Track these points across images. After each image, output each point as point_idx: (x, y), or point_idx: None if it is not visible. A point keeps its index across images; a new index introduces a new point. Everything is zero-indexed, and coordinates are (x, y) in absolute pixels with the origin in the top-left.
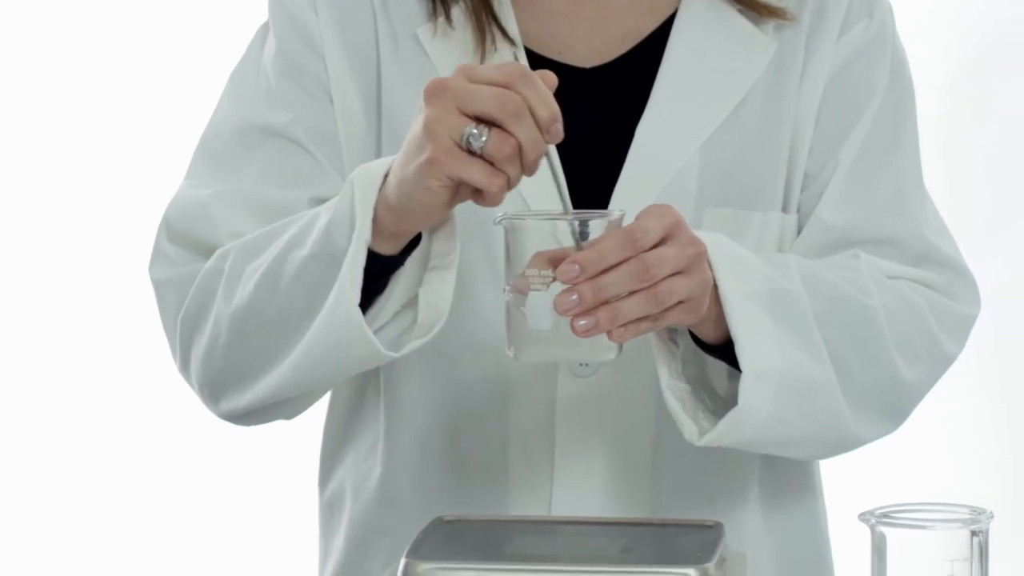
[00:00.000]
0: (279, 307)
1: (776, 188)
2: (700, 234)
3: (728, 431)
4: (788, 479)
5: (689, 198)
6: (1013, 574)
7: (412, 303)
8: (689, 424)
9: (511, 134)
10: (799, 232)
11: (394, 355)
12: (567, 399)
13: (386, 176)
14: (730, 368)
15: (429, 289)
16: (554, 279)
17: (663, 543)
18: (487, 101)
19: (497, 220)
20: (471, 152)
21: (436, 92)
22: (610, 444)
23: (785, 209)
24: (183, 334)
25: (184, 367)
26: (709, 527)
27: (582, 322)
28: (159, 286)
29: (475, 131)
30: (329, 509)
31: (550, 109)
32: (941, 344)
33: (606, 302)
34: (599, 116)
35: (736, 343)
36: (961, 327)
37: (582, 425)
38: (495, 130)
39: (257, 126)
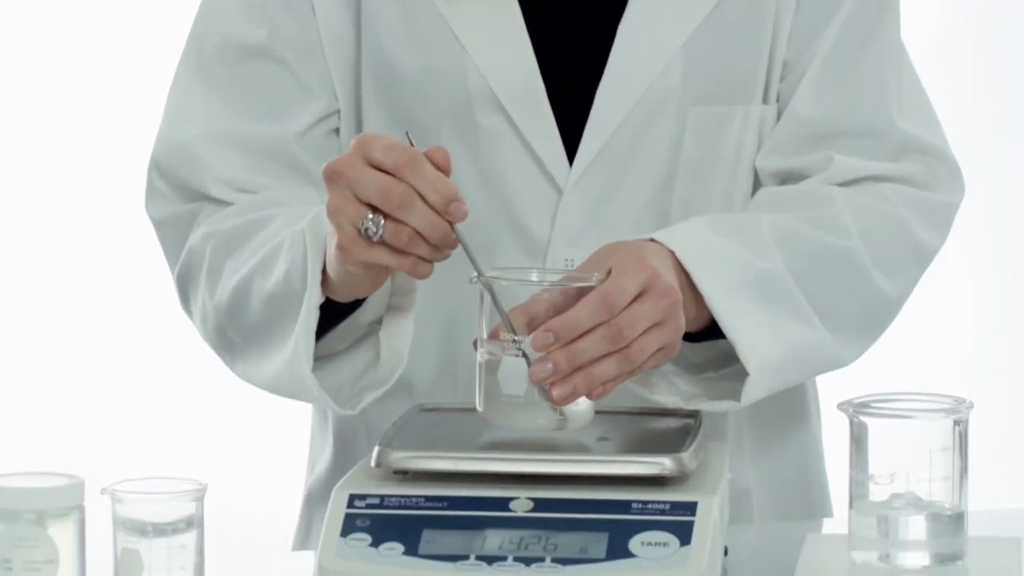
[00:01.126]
0: (252, 323)
1: (757, 80)
2: (668, 233)
3: (726, 407)
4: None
5: (673, 96)
6: (989, 464)
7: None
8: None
9: (403, 223)
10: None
11: (351, 412)
12: None
13: None
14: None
15: (388, 333)
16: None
17: (640, 432)
18: (374, 193)
19: (473, 280)
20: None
21: (331, 178)
22: None
23: (765, 100)
24: (180, 289)
25: (186, 313)
26: (689, 416)
27: (558, 391)
28: (158, 225)
29: (371, 222)
30: (320, 411)
31: (440, 193)
32: (924, 245)
33: (580, 367)
34: (579, 17)
35: (734, 343)
36: (944, 217)
37: None
38: (390, 219)
39: (239, 44)
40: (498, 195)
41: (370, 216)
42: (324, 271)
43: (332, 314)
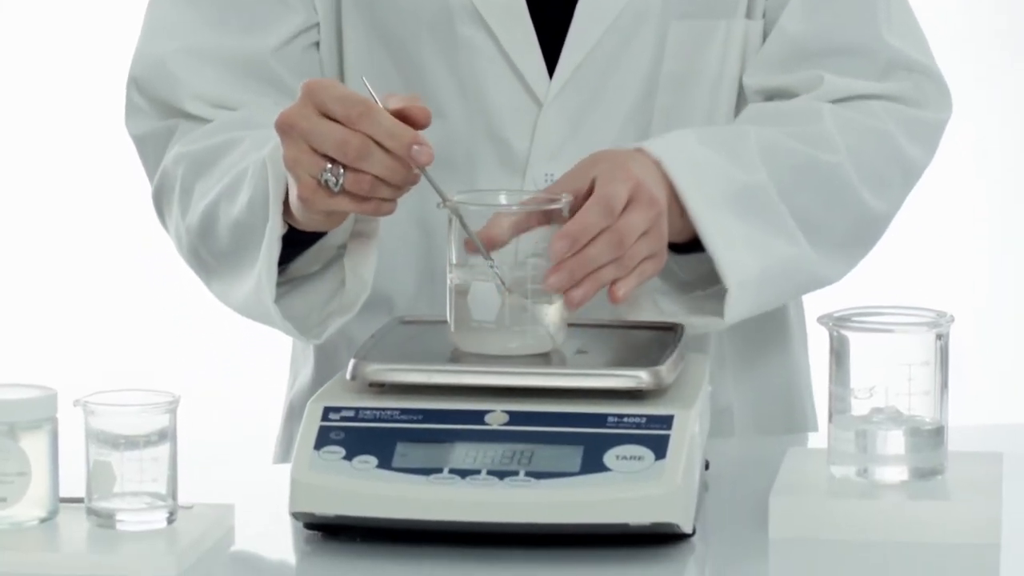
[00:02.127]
0: (221, 247)
1: None
2: (655, 142)
3: (712, 326)
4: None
5: (653, 10)
6: (974, 379)
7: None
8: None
9: (363, 172)
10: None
11: (316, 341)
12: None
13: None
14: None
15: (352, 259)
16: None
17: (618, 345)
18: (330, 145)
19: (441, 205)
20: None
21: (285, 130)
22: None
23: (749, 15)
24: (156, 207)
25: (164, 229)
26: (669, 329)
27: (574, 294)
28: (138, 141)
29: (330, 173)
30: None
31: (399, 140)
32: (913, 161)
33: (588, 274)
34: None
35: (714, 258)
36: (932, 135)
37: None
38: (349, 169)
39: None
40: (478, 109)
41: (328, 167)
42: (287, 200)
43: (299, 239)
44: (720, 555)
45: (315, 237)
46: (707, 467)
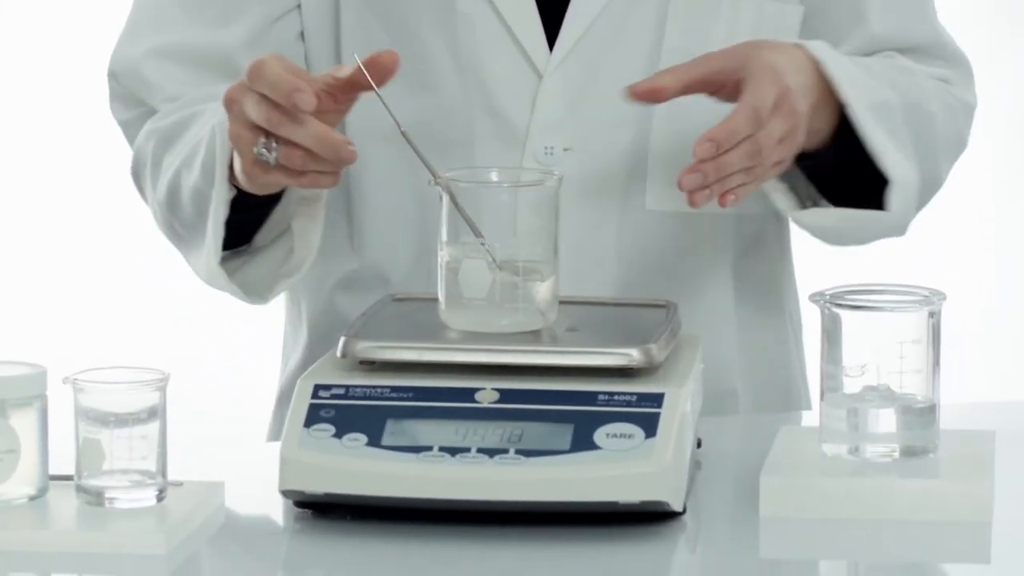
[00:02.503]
0: (186, 217)
1: None
2: (811, 42)
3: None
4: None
5: None
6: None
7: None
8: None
9: (294, 143)
10: (807, 25)
11: (261, 302)
12: None
13: None
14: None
15: (299, 223)
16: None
17: (610, 322)
18: (257, 116)
19: (432, 182)
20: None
21: (228, 106)
22: (576, 227)
23: None
24: (136, 185)
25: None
26: (662, 307)
27: (698, 197)
28: (123, 125)
29: (263, 147)
30: (295, 302)
31: (280, 89)
32: (965, 141)
33: (720, 179)
34: None
35: (878, 156)
36: (971, 119)
37: None
38: (282, 142)
39: None
40: (476, 81)
41: (262, 141)
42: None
43: (259, 206)
44: (710, 533)
45: (271, 203)
46: (699, 445)
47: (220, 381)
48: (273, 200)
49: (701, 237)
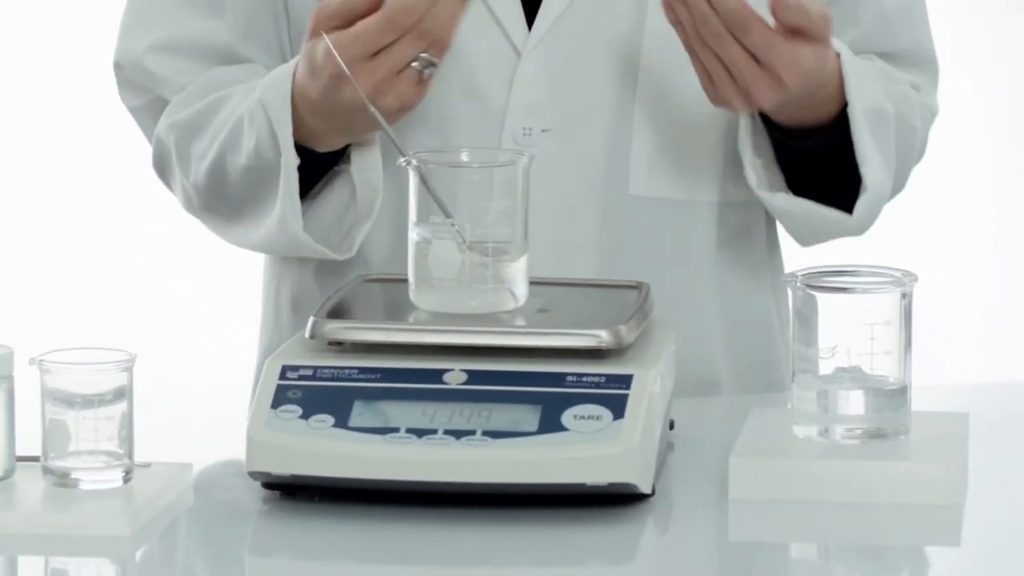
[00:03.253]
0: (233, 196)
1: None
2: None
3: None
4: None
5: None
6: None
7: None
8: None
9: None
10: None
11: (349, 254)
12: None
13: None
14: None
15: (358, 166)
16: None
17: (581, 304)
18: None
19: (402, 162)
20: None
21: (353, 58)
22: (556, 210)
23: None
24: (158, 175)
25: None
26: (635, 288)
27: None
28: (134, 111)
29: (426, 62)
30: (273, 283)
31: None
32: (924, 151)
33: None
34: None
35: (861, 159)
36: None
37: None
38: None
39: None
40: (453, 63)
41: (423, 57)
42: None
43: (306, 167)
44: (679, 515)
45: (322, 161)
46: (672, 427)
47: (197, 362)
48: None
49: (685, 224)
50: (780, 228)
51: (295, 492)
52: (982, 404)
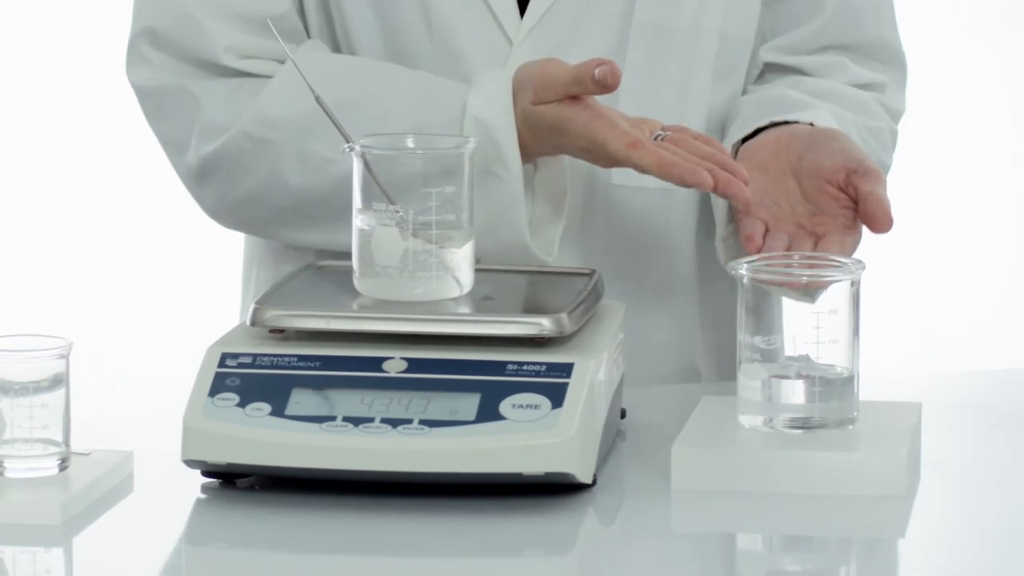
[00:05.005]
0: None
1: None
2: (824, 116)
3: None
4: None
5: None
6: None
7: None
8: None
9: None
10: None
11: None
12: None
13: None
14: None
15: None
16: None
17: (528, 291)
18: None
19: (345, 148)
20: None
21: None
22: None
23: None
24: (203, 168)
25: (194, 181)
26: (586, 275)
27: None
28: (141, 92)
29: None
30: (248, 268)
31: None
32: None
33: None
34: None
35: None
36: (896, 128)
37: None
38: None
39: None
40: (447, 47)
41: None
42: None
43: None
44: (622, 506)
45: None
46: (623, 415)
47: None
48: None
49: (667, 213)
50: None
51: (235, 480)
52: (942, 393)
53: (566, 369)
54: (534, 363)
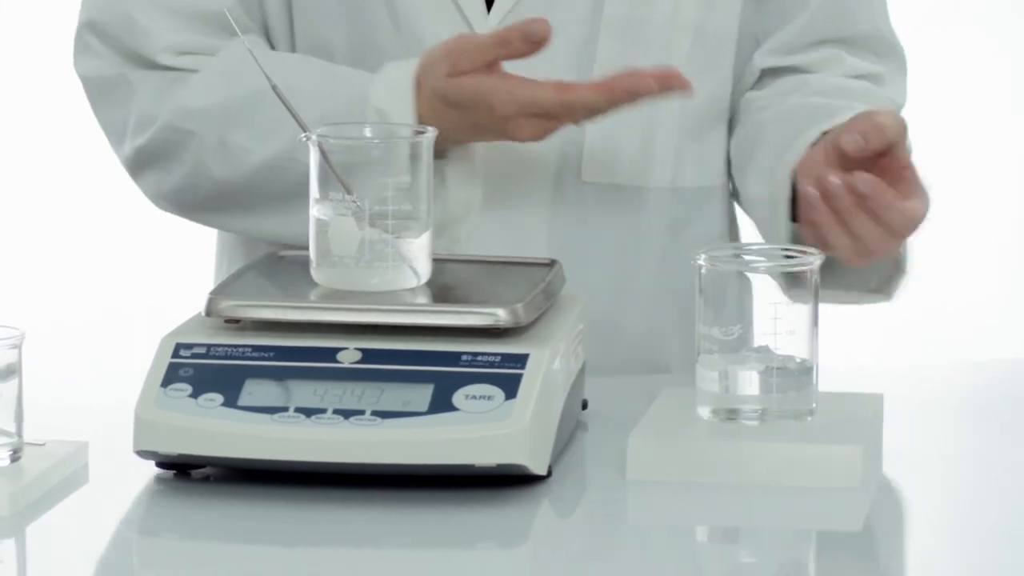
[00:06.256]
0: (285, 195)
1: None
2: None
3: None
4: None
5: None
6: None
7: None
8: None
9: None
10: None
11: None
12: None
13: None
14: None
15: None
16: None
17: (487, 281)
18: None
19: (302, 138)
20: None
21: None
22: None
23: None
24: (139, 161)
25: (131, 170)
26: (545, 265)
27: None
28: (87, 82)
29: None
30: (220, 260)
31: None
32: None
33: None
34: None
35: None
36: None
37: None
38: None
39: None
40: (413, 41)
41: None
42: None
43: None
44: (578, 497)
45: None
46: (585, 407)
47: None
48: None
49: (637, 210)
50: (737, 211)
51: (189, 471)
52: (905, 384)
53: (521, 360)
54: (489, 354)
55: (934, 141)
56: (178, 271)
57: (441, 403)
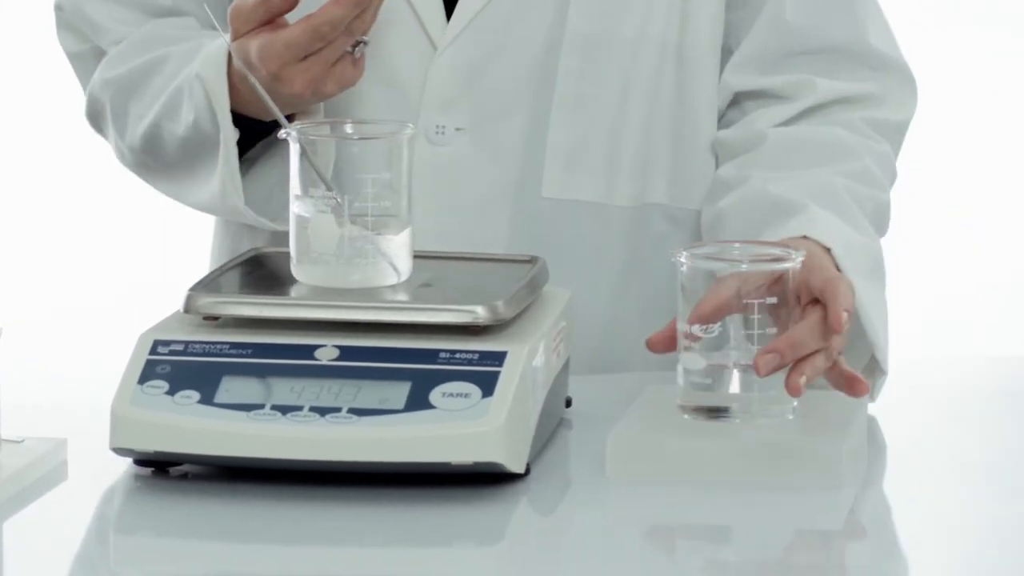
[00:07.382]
0: (171, 162)
1: None
2: (815, 229)
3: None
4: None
5: None
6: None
7: None
8: None
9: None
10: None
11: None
12: (422, 167)
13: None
14: None
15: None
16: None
17: (467, 278)
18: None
19: (282, 134)
20: None
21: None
22: (468, 210)
23: None
24: (92, 125)
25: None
26: (528, 262)
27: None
28: (71, 57)
29: (358, 45)
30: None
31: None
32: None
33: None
34: None
35: (877, 349)
36: (900, 137)
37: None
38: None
39: None
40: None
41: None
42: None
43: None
44: (557, 495)
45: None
46: (568, 404)
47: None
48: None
49: (599, 227)
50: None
51: (167, 469)
52: (892, 381)
53: (498, 357)
54: (467, 351)
55: (934, 141)
56: (174, 268)
57: (418, 401)
